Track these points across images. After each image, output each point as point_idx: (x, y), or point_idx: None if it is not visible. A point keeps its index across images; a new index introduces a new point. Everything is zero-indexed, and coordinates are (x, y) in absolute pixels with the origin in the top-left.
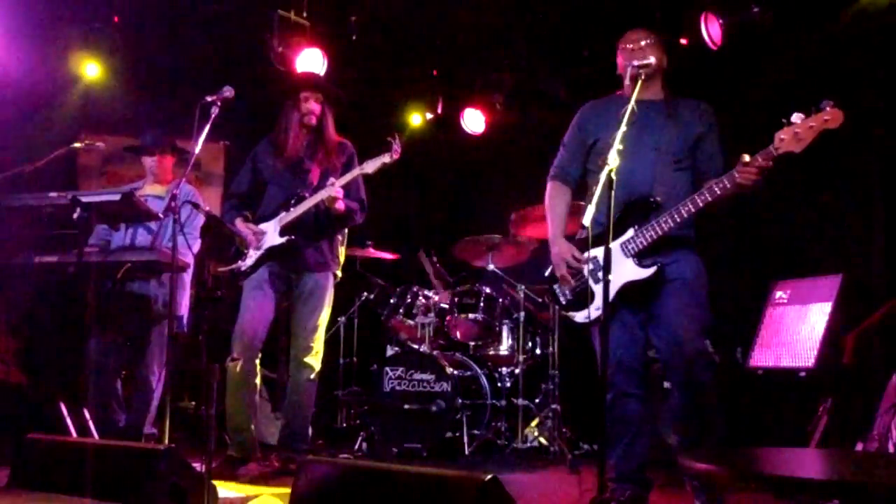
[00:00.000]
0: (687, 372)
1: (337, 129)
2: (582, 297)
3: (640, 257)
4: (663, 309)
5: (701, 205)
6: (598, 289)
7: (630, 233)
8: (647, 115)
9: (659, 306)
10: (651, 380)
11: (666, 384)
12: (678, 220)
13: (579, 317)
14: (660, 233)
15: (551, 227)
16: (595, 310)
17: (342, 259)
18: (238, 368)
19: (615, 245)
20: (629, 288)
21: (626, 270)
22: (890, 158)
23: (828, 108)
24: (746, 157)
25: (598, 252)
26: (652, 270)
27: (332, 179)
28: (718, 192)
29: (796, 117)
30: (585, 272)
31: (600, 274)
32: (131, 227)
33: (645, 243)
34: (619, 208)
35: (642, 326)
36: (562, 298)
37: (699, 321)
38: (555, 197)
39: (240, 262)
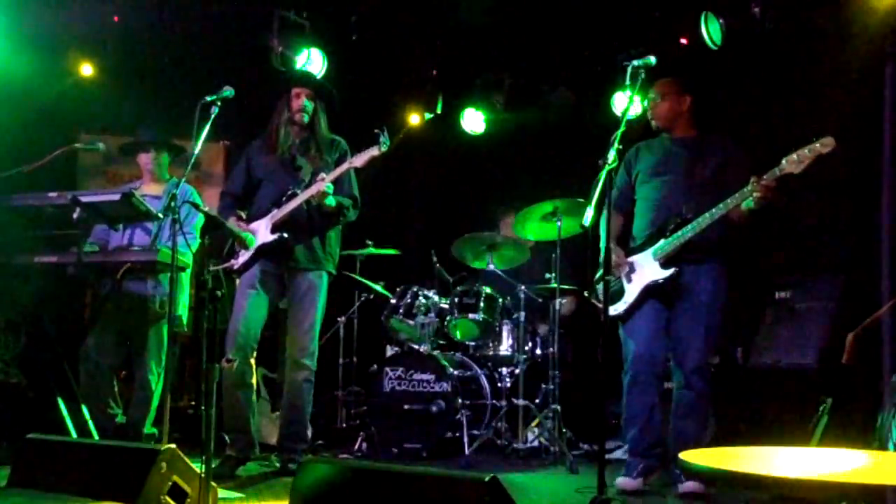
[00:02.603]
0: (685, 378)
1: (337, 129)
2: (615, 295)
3: (665, 261)
4: (676, 320)
5: (717, 216)
6: (628, 288)
7: (661, 241)
8: (675, 150)
9: (675, 316)
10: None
11: (667, 384)
12: (698, 229)
13: (612, 310)
14: (682, 242)
15: (603, 237)
16: (622, 304)
17: (337, 257)
18: (233, 369)
19: (648, 251)
20: (653, 287)
21: (651, 271)
22: (892, 157)
23: (825, 139)
24: (753, 178)
25: (635, 258)
26: (671, 271)
27: (321, 175)
28: (731, 205)
29: (801, 147)
30: (622, 274)
31: (633, 276)
32: (129, 228)
33: (670, 250)
34: (653, 224)
35: (666, 325)
36: (601, 294)
37: (705, 336)
38: (609, 220)
39: (232, 260)
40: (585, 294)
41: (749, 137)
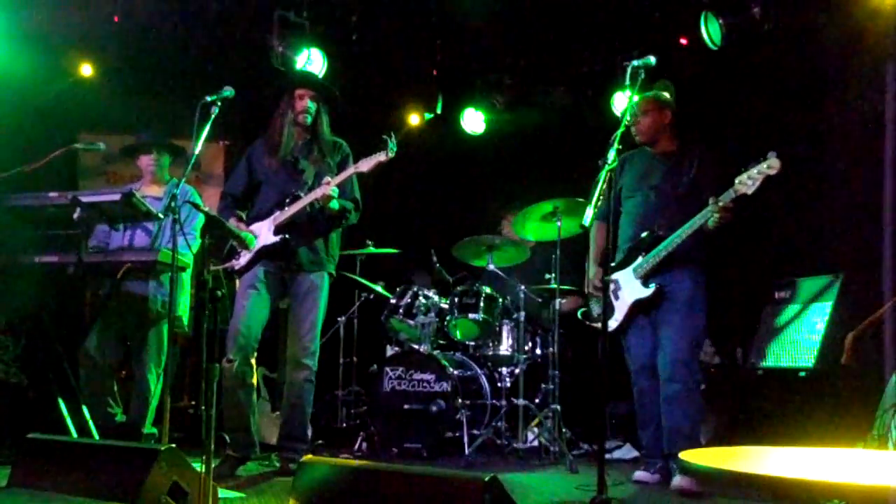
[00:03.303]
0: (670, 371)
1: (337, 129)
2: (608, 311)
3: (645, 278)
4: (661, 326)
5: (685, 236)
6: (617, 306)
7: (640, 259)
8: (654, 165)
9: (660, 321)
10: None
11: None
12: (671, 249)
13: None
14: (658, 260)
15: (590, 254)
16: (614, 321)
17: (338, 258)
18: (234, 369)
19: (629, 269)
20: (639, 303)
21: (635, 290)
22: (894, 157)
23: (770, 160)
24: (711, 200)
25: (619, 275)
26: (652, 290)
27: (326, 178)
28: (695, 225)
29: (751, 167)
30: (609, 292)
31: (620, 293)
32: (129, 228)
33: (648, 267)
34: (633, 240)
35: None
36: (595, 312)
37: (688, 338)
38: (597, 232)
39: (233, 260)
40: (579, 316)
41: (748, 138)
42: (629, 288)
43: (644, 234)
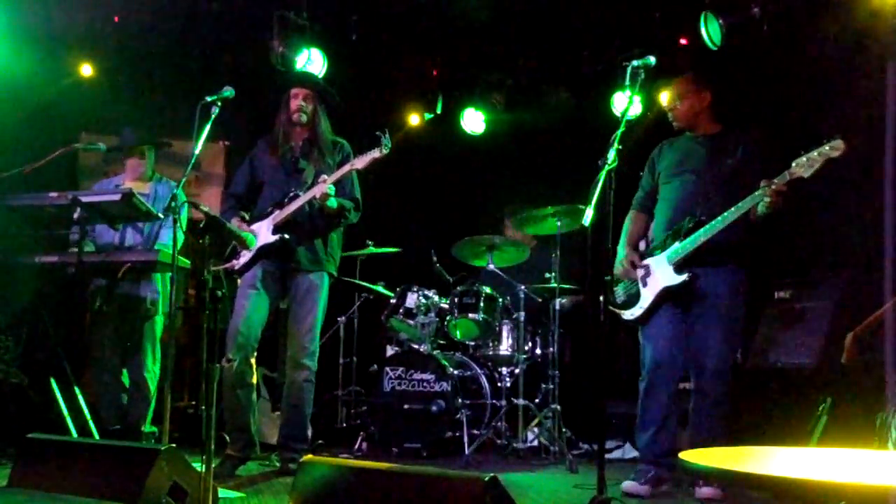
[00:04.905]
0: (702, 383)
1: (337, 129)
2: (632, 299)
3: (680, 266)
4: (693, 325)
5: (729, 220)
6: (644, 292)
7: (676, 245)
8: (695, 148)
9: (692, 320)
10: None
11: (682, 385)
12: (711, 233)
13: (626, 314)
14: (696, 246)
15: (623, 238)
16: (637, 309)
17: (338, 259)
18: (234, 369)
19: (663, 255)
20: (668, 292)
21: (666, 276)
22: (894, 156)
23: (835, 141)
24: (763, 182)
25: (650, 261)
26: (684, 277)
27: (323, 176)
28: (743, 209)
29: (812, 149)
30: (638, 278)
31: (648, 279)
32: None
33: (685, 254)
34: (670, 226)
35: (681, 329)
36: (618, 299)
37: (724, 347)
38: (633, 220)
39: (234, 260)
40: (602, 301)
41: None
42: (660, 274)
43: (684, 221)
